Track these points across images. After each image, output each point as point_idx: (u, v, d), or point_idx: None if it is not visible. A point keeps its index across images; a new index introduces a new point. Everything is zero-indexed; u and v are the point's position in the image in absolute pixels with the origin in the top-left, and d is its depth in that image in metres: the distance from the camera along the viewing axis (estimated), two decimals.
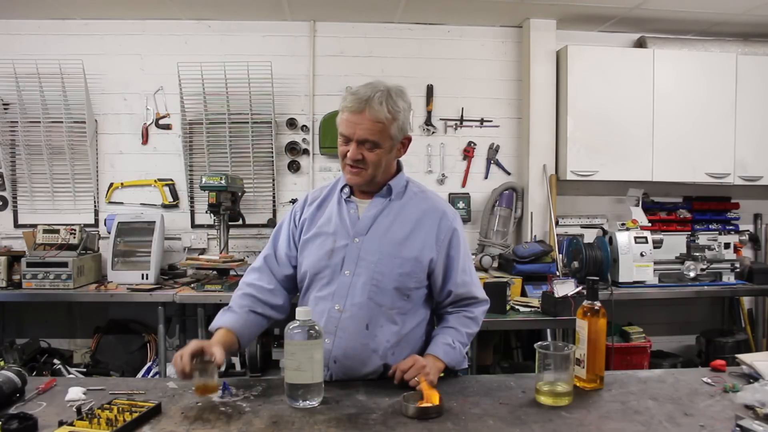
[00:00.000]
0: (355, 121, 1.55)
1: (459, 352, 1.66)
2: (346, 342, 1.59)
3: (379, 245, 1.61)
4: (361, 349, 1.59)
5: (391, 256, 1.61)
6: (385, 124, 1.56)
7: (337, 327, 1.59)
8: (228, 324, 1.61)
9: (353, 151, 1.57)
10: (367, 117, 1.54)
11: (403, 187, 1.70)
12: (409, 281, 1.62)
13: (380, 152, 1.59)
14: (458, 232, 1.70)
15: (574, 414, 1.38)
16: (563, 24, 4.06)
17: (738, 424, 1.26)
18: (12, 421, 1.25)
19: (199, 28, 4.04)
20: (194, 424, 1.31)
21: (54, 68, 3.82)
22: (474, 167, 4.21)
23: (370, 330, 1.60)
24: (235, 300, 1.70)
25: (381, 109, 1.54)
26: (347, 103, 1.57)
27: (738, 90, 3.97)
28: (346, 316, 1.59)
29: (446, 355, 1.62)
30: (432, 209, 1.69)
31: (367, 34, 4.13)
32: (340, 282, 1.61)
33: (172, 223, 4.03)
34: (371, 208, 1.66)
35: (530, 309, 3.19)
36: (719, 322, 4.38)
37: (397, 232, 1.64)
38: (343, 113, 1.58)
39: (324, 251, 1.64)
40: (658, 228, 4.13)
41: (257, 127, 4.01)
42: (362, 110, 1.54)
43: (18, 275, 3.47)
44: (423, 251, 1.63)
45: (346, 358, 1.59)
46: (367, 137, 1.56)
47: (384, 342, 1.61)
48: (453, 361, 1.63)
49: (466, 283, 1.71)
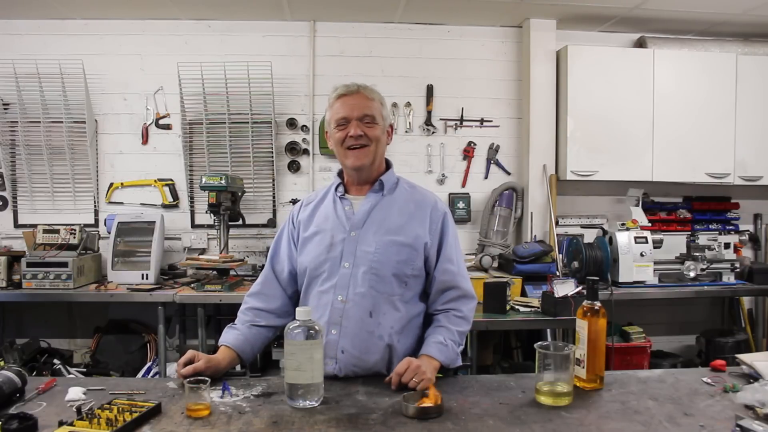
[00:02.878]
0: (352, 102, 1.69)
1: (452, 349, 1.67)
2: (351, 331, 1.63)
3: (375, 236, 1.68)
4: (367, 336, 1.63)
5: (387, 244, 1.67)
6: (377, 102, 1.72)
7: (341, 317, 1.63)
8: (229, 342, 1.71)
9: (355, 127, 1.67)
10: (365, 95, 1.71)
11: (394, 183, 1.79)
12: (406, 268, 1.67)
13: (378, 129, 1.71)
14: (448, 223, 1.77)
15: (574, 414, 1.38)
16: (563, 24, 4.06)
17: (738, 424, 1.26)
18: (12, 421, 1.25)
19: (199, 28, 4.04)
20: (194, 424, 1.31)
21: (54, 68, 3.82)
22: (474, 167, 4.21)
23: (374, 318, 1.64)
24: (239, 315, 1.80)
25: (372, 91, 1.73)
26: (340, 90, 1.72)
27: (738, 90, 3.97)
28: (349, 306, 1.64)
29: (440, 353, 1.63)
30: (423, 201, 1.78)
31: (367, 34, 4.13)
32: (340, 275, 1.66)
33: (172, 223, 4.03)
34: (365, 203, 1.74)
35: (530, 309, 3.19)
36: (719, 322, 4.38)
37: (392, 222, 1.70)
38: (337, 101, 1.71)
39: (322, 247, 1.70)
40: (658, 228, 4.13)
41: (257, 127, 4.02)
42: (357, 91, 1.71)
43: (18, 275, 3.47)
44: (417, 239, 1.69)
45: (353, 348, 1.63)
46: (365, 112, 1.68)
47: (388, 328, 1.65)
48: (447, 359, 1.64)
49: (449, 271, 1.73)
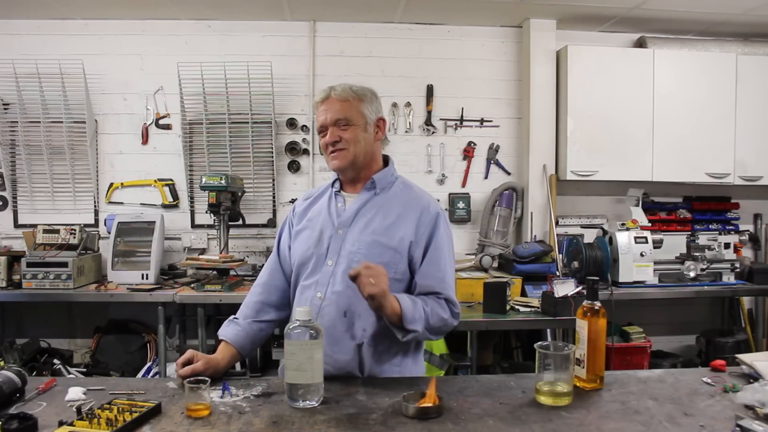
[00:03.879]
0: (325, 108, 1.69)
1: (418, 312, 1.57)
2: (326, 328, 1.56)
3: (360, 235, 1.67)
4: (340, 336, 1.63)
5: (370, 245, 1.65)
6: (351, 102, 1.69)
7: (318, 314, 1.64)
8: (229, 337, 1.72)
9: (330, 134, 1.68)
10: (333, 99, 1.69)
11: (390, 182, 1.76)
12: (388, 270, 1.57)
13: (354, 129, 1.68)
14: (440, 226, 1.70)
15: (574, 414, 1.38)
16: (563, 24, 4.06)
17: (738, 424, 1.26)
18: (12, 421, 1.25)
19: (199, 28, 4.04)
20: (194, 424, 1.31)
21: (54, 68, 3.82)
22: (474, 167, 4.21)
23: (347, 317, 1.64)
24: (242, 309, 1.80)
25: (344, 91, 1.70)
26: (316, 97, 1.74)
27: (738, 90, 3.97)
28: (326, 304, 1.65)
29: (405, 302, 1.55)
30: (415, 203, 1.72)
31: (367, 34, 4.13)
32: (323, 272, 1.68)
33: (172, 223, 4.03)
34: (356, 201, 1.73)
35: (530, 309, 3.19)
36: (719, 322, 4.38)
37: (378, 223, 1.68)
38: (316, 109, 1.73)
39: (311, 242, 1.72)
40: (658, 228, 4.12)
41: (257, 127, 4.02)
42: (328, 95, 1.70)
43: (18, 275, 3.47)
44: (402, 242, 1.66)
45: (325, 345, 1.53)
46: (337, 116, 1.67)
47: (361, 330, 1.63)
48: (408, 312, 1.54)
49: (432, 276, 1.66)
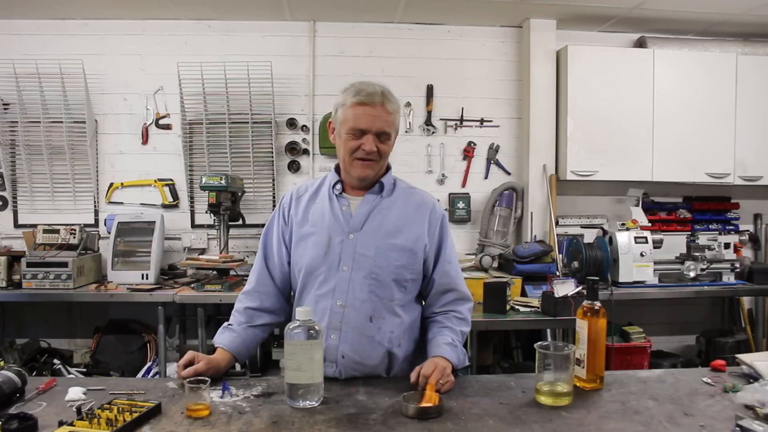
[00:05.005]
0: (374, 114, 1.58)
1: (461, 350, 1.67)
2: (352, 336, 1.61)
3: (374, 240, 1.65)
4: (367, 341, 1.62)
5: (386, 249, 1.64)
6: (395, 115, 1.64)
7: (341, 322, 1.61)
8: (225, 344, 1.68)
9: (370, 143, 1.59)
10: (386, 109, 1.60)
11: (392, 185, 1.75)
12: (405, 272, 1.66)
13: (391, 144, 1.66)
14: (446, 225, 1.77)
15: (574, 414, 1.38)
16: (563, 24, 4.06)
17: (738, 424, 1.26)
18: (12, 421, 1.25)
19: (199, 28, 4.04)
20: (194, 424, 1.31)
21: (54, 68, 3.81)
22: (474, 167, 4.21)
23: (374, 323, 1.63)
24: (234, 315, 1.75)
25: (394, 102, 1.64)
26: (362, 97, 1.58)
27: (738, 90, 3.97)
28: (349, 311, 1.62)
29: (451, 353, 1.61)
30: (422, 203, 1.75)
31: (367, 34, 4.13)
32: (338, 278, 1.63)
33: (172, 223, 4.03)
34: (364, 204, 1.69)
35: (530, 309, 3.19)
36: (719, 322, 4.38)
37: (391, 226, 1.67)
38: (357, 107, 1.59)
39: (320, 248, 1.65)
40: (658, 228, 4.12)
41: (257, 127, 4.01)
42: (381, 102, 1.59)
43: (18, 275, 3.47)
44: (417, 242, 1.68)
45: (353, 352, 1.61)
46: (384, 129, 1.61)
47: (388, 333, 1.64)
48: (458, 360, 1.63)
49: (448, 274, 1.73)
